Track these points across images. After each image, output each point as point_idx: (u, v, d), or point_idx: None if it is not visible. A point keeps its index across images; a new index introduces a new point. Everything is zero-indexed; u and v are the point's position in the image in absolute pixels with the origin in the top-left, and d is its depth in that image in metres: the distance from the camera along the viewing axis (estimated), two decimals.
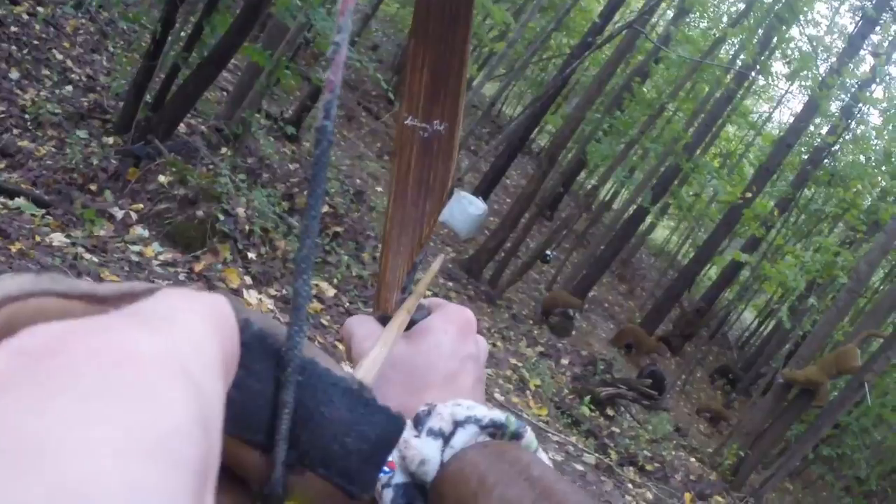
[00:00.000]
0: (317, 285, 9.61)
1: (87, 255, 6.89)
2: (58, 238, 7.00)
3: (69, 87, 11.28)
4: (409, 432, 0.85)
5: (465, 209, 19.44)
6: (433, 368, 0.95)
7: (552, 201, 26.11)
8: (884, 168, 26.20)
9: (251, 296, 8.14)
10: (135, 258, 7.49)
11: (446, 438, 0.84)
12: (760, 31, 20.50)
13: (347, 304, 10.02)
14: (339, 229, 11.46)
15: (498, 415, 0.86)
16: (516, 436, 0.86)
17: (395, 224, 1.00)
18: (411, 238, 0.99)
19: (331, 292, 9.65)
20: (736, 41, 23.79)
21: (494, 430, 0.85)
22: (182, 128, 10.85)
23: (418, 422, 0.86)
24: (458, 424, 0.84)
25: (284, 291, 8.88)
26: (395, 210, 0.99)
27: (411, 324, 1.00)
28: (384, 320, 0.99)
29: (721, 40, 21.73)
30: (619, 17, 24.47)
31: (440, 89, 0.95)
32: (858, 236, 24.92)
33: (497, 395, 10.36)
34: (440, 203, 0.97)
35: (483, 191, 22.50)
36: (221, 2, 9.61)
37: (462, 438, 0.84)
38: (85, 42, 13.24)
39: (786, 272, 18.49)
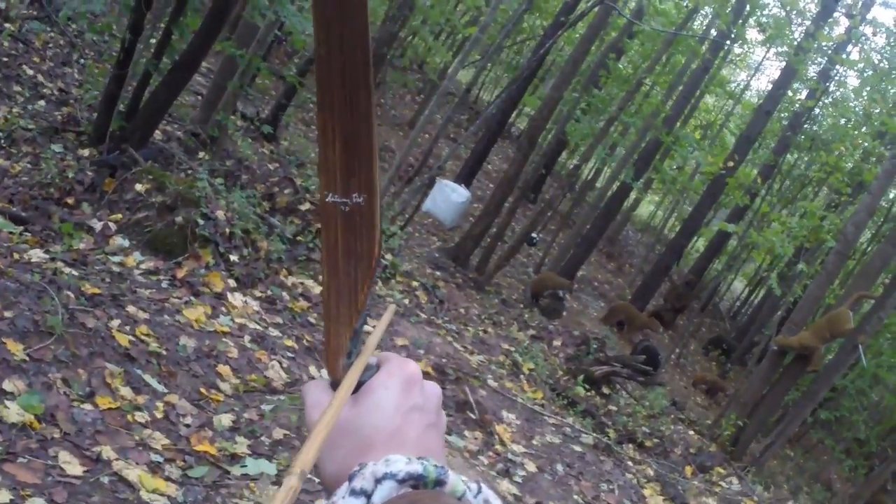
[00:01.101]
0: (302, 283, 9.56)
1: (67, 270, 6.83)
2: (36, 254, 6.93)
3: (42, 102, 11.23)
4: (339, 493, 0.89)
5: (448, 197, 19.42)
6: (376, 428, 0.99)
7: (535, 184, 26.02)
8: (864, 129, 26.23)
9: (236, 298, 8.07)
10: (116, 269, 7.43)
11: (368, 496, 0.87)
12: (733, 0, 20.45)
13: None
14: (320, 225, 11.40)
15: (415, 467, 0.89)
16: (438, 483, 0.88)
17: (332, 294, 1.03)
18: (349, 306, 1.03)
19: (317, 289, 9.59)
20: (709, 10, 23.74)
21: (415, 482, 0.88)
22: (158, 134, 10.78)
23: (350, 482, 0.89)
24: (377, 481, 0.87)
25: (269, 292, 8.83)
26: (331, 280, 1.03)
27: (361, 384, 1.03)
28: (335, 385, 1.02)
29: (694, 11, 21.71)
30: None
31: (354, 160, 0.99)
32: (843, 199, 24.92)
33: (491, 382, 10.32)
34: (371, 271, 1.03)
35: (465, 178, 22.48)
36: (189, 5, 9.55)
37: (381, 494, 0.86)
38: (55, 55, 13.19)
39: (773, 239, 18.48)
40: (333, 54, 0.91)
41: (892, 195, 25.81)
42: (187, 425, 5.75)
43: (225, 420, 6.02)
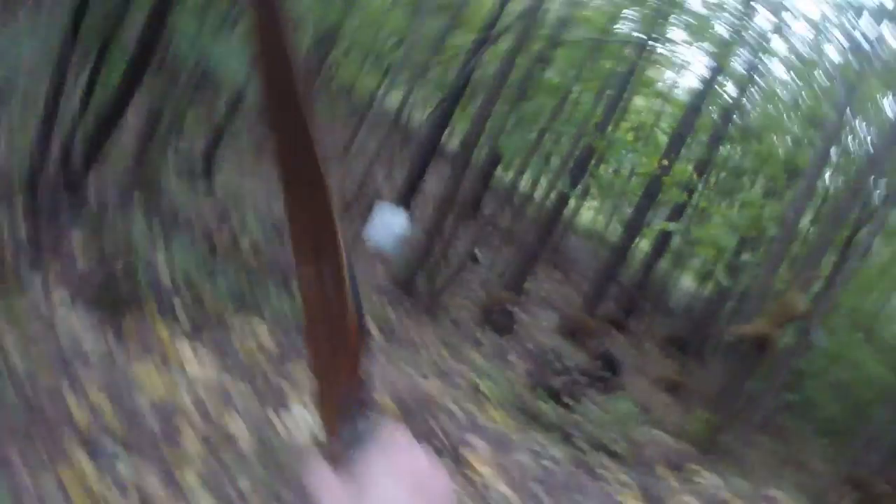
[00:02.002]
0: (249, 324, 9.40)
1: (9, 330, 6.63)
2: None
3: None
4: None
5: (387, 222, 19.29)
6: None
7: (473, 201, 25.97)
8: (794, 116, 26.48)
9: (184, 346, 7.90)
10: (60, 327, 7.23)
11: None
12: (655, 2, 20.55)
13: (283, 339, 9.80)
14: (262, 263, 11.26)
15: None
16: None
17: (320, 365, 1.09)
18: (334, 386, 1.07)
19: (264, 328, 9.44)
20: (633, 13, 23.85)
21: None
22: (92, 181, 10.57)
23: None
24: None
25: (218, 337, 8.65)
26: (316, 352, 1.08)
27: (356, 435, 1.04)
28: (332, 454, 1.05)
29: (618, 16, 21.80)
30: (514, 8, 24.43)
31: (321, 241, 0.96)
32: (780, 186, 25.13)
33: (450, 405, 10.18)
34: (354, 358, 1.06)
35: (403, 200, 22.36)
36: (114, 46, 9.39)
37: None
38: None
39: (715, 233, 18.57)
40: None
41: (826, 177, 26.02)
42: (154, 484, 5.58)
43: (189, 475, 5.85)
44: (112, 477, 5.45)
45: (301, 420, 7.76)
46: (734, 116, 27.37)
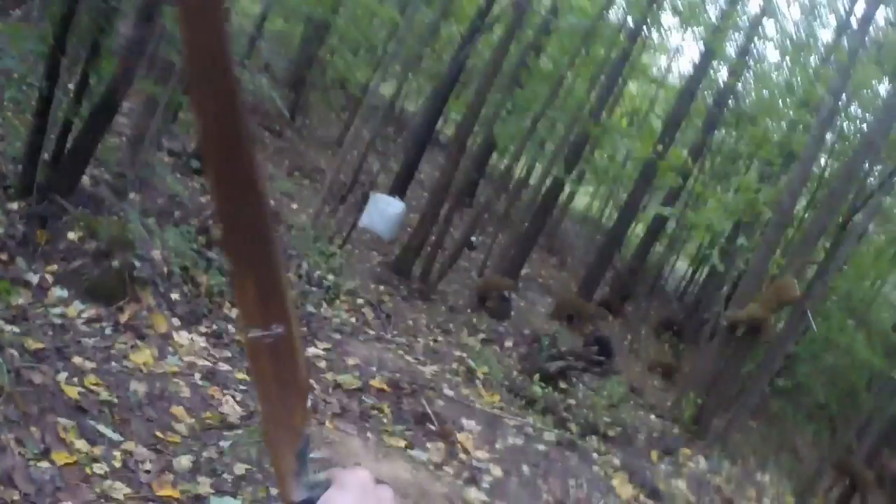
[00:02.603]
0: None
1: (8, 327, 6.71)
2: None
3: None
4: None
5: (383, 211, 19.37)
6: None
7: (469, 188, 26.03)
8: (788, 99, 26.50)
9: (182, 337, 7.99)
10: (58, 321, 7.31)
11: None
12: None
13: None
14: None
15: None
16: None
17: (271, 423, 1.08)
18: (288, 430, 1.07)
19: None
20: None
21: None
22: (85, 180, 10.63)
23: None
24: None
25: (215, 327, 8.75)
26: (267, 410, 1.08)
27: (313, 502, 1.06)
28: None
29: (609, 2, 21.83)
30: None
31: (267, 294, 1.03)
32: (775, 170, 25.16)
33: (447, 391, 10.27)
34: (304, 397, 1.09)
35: (398, 189, 22.43)
36: (103, 48, 9.44)
37: None
38: None
39: (710, 217, 18.62)
40: (234, 213, 0.98)
41: (822, 161, 26.08)
42: (147, 471, 5.66)
43: (185, 461, 5.94)
44: (106, 461, 5.55)
45: None
46: (728, 101, 27.43)
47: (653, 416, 14.97)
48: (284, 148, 22.86)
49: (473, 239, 22.92)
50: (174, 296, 8.59)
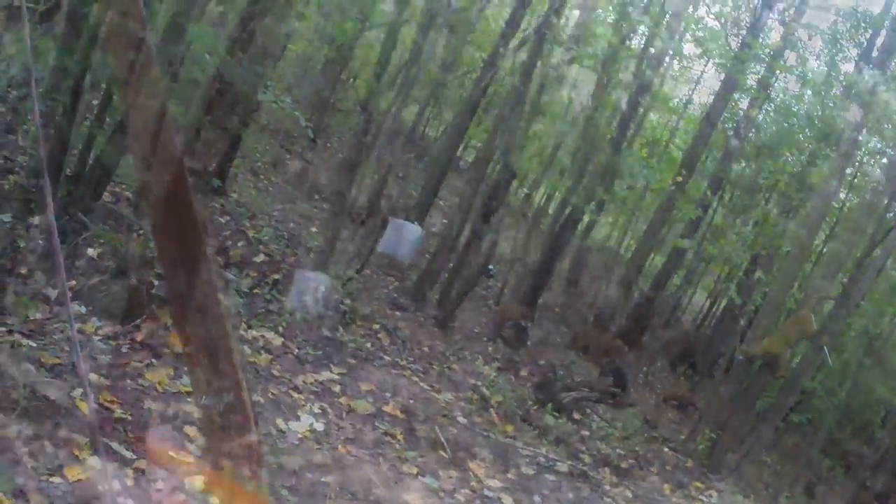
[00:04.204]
0: (262, 336, 9.50)
1: (25, 341, 6.73)
2: None
3: None
4: None
5: (402, 236, 19.37)
6: None
7: (487, 215, 26.03)
8: (808, 132, 26.40)
9: None
10: (76, 338, 7.33)
11: None
12: (667, 18, 20.63)
13: (297, 350, 9.91)
14: (277, 276, 11.35)
15: None
16: None
17: (224, 489, 1.08)
18: (243, 496, 1.10)
19: (278, 341, 9.53)
20: (645, 29, 23.89)
21: None
22: (106, 196, 10.68)
23: None
24: None
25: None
26: (219, 478, 1.07)
27: None
28: None
29: (631, 31, 21.85)
30: (527, 25, 24.45)
31: (217, 362, 1.07)
32: (795, 203, 25.06)
33: (460, 418, 10.27)
34: (258, 462, 1.10)
35: (418, 214, 22.43)
36: None
37: None
38: None
39: (728, 249, 18.57)
40: (185, 297, 1.03)
41: (842, 195, 25.99)
42: (159, 490, 5.67)
43: (197, 482, 5.94)
44: (119, 479, 5.56)
45: (308, 427, 7.88)
46: (749, 132, 27.37)
47: (666, 449, 14.89)
48: (306, 170, 22.89)
49: (491, 267, 22.89)
50: None
